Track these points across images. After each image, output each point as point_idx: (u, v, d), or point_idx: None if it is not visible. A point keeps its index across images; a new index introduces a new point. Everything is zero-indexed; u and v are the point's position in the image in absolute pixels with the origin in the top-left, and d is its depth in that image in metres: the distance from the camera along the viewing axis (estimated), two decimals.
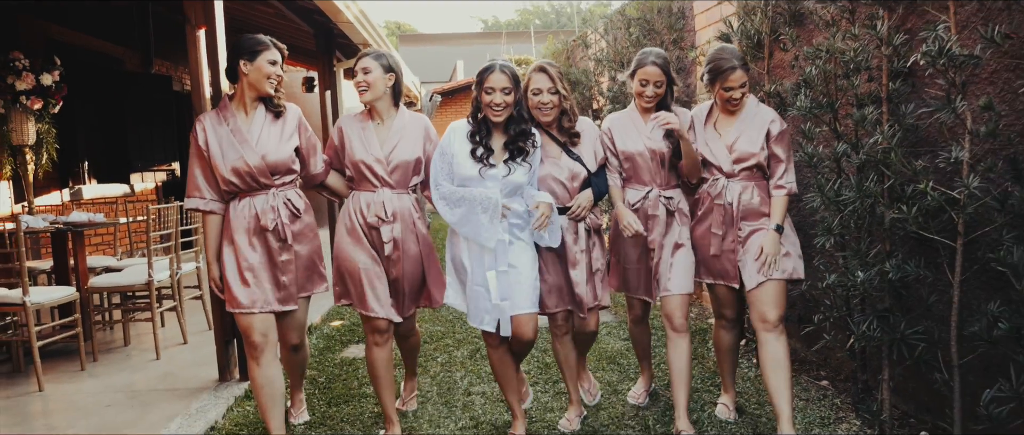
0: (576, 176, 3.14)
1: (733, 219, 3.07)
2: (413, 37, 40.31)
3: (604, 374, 3.96)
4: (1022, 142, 2.53)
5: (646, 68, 3.08)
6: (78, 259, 4.67)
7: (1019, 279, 2.26)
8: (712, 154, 3.11)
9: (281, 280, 2.97)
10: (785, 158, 3.04)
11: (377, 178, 3.04)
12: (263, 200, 2.95)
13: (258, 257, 2.94)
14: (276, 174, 2.97)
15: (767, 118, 3.06)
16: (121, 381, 4.12)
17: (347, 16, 5.85)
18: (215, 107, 3.12)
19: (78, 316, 4.40)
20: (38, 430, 3.38)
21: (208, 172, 2.96)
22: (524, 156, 3.01)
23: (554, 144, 3.16)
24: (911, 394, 3.18)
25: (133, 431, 3.31)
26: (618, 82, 6.28)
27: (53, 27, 7.28)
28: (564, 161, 3.14)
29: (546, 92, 3.05)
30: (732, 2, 4.24)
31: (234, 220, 2.95)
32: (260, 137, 2.95)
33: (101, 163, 8.26)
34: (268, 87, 2.95)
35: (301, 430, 3.35)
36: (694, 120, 3.19)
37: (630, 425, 3.30)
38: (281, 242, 2.97)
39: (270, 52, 2.95)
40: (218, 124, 2.96)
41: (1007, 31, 2.43)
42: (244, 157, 2.90)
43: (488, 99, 2.94)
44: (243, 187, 2.94)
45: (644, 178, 3.18)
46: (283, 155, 2.97)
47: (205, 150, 2.94)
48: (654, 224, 3.15)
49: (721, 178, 3.10)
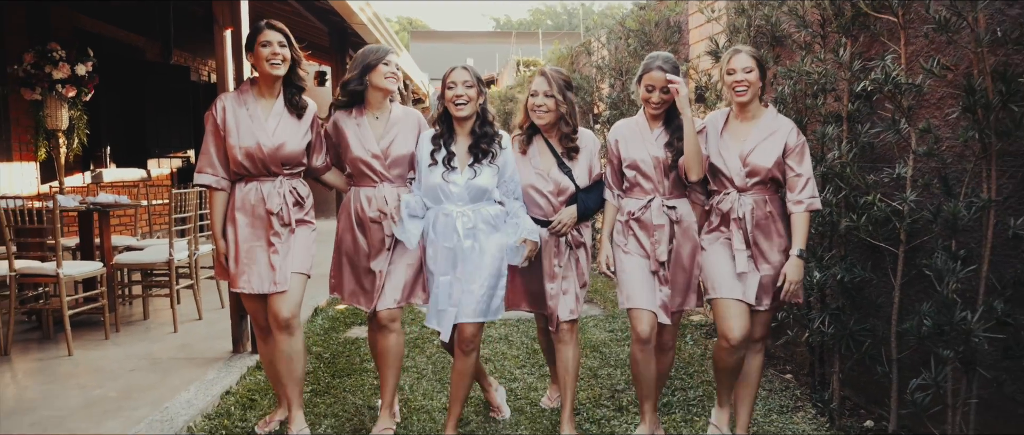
0: (562, 191, 3.15)
1: (749, 235, 2.91)
2: (425, 33, 40.60)
3: (586, 360, 4.28)
4: (956, 162, 2.85)
5: (652, 74, 2.96)
6: (104, 237, 5.01)
7: (941, 282, 2.58)
8: (724, 164, 2.96)
9: (275, 264, 3.01)
10: (804, 171, 2.87)
11: (376, 174, 3.09)
12: (270, 186, 3.02)
13: (257, 238, 3.02)
14: (287, 164, 3.04)
15: (785, 130, 2.91)
16: (142, 350, 4.46)
17: (361, 18, 6.19)
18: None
19: (103, 289, 4.75)
20: (70, 389, 3.72)
21: (221, 151, 3.02)
22: (490, 158, 3.04)
23: (549, 154, 3.18)
24: (860, 385, 3.50)
25: (155, 393, 3.65)
26: (617, 89, 6.61)
27: (82, 18, 7.64)
28: (553, 174, 3.15)
29: (542, 95, 3.09)
30: (720, 21, 4.56)
31: (238, 200, 3.02)
32: (278, 127, 3.02)
33: (121, 148, 8.63)
34: (269, 68, 2.97)
35: (307, 397, 3.68)
36: (708, 127, 3.05)
37: (606, 405, 3.62)
38: (283, 226, 3.03)
39: (262, 34, 2.98)
40: (238, 106, 3.02)
41: (948, 63, 2.75)
42: (260, 142, 2.97)
43: (450, 94, 3.01)
44: (253, 171, 3.01)
45: (647, 186, 3.04)
46: (296, 148, 3.05)
47: (221, 128, 3.00)
48: (661, 235, 3.00)
49: (732, 191, 2.95)
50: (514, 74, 16.54)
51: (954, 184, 2.74)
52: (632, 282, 3.01)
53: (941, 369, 2.61)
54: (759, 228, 2.92)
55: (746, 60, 2.88)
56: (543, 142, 3.20)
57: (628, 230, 3.06)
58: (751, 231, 2.90)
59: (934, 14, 2.61)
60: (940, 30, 2.59)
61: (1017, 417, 2.63)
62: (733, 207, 2.93)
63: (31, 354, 4.40)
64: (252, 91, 3.06)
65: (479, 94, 3.05)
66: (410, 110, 3.24)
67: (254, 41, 2.99)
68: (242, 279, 3.02)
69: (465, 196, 3.02)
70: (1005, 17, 2.59)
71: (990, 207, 2.57)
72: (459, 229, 2.98)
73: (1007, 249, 2.65)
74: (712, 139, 3.02)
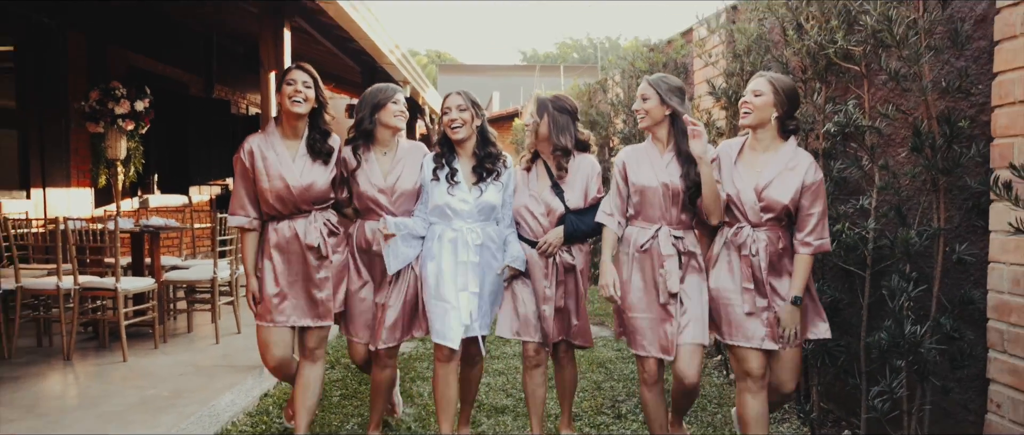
0: (552, 211, 3.22)
1: (761, 273, 2.83)
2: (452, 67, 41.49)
3: (593, 375, 4.62)
4: (914, 195, 3.20)
5: (641, 87, 3.06)
6: (154, 256, 5.51)
7: (893, 299, 2.92)
8: (738, 197, 2.86)
9: (316, 296, 3.11)
10: (816, 211, 2.78)
11: (382, 208, 3.16)
12: (304, 222, 3.11)
13: (294, 275, 3.11)
14: (317, 202, 3.14)
15: (804, 166, 2.81)
16: (188, 359, 4.91)
17: (391, 59, 6.72)
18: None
19: (154, 303, 5.23)
20: (127, 389, 4.17)
21: (251, 192, 3.11)
22: (495, 176, 3.17)
23: (545, 177, 3.27)
24: (838, 397, 3.81)
25: (202, 394, 4.08)
26: (629, 124, 7.01)
27: (135, 56, 8.30)
28: (545, 195, 3.23)
29: (455, 109, 3.17)
30: (717, 65, 4.96)
31: (273, 238, 3.11)
32: (305, 167, 3.10)
33: (165, 176, 9.24)
34: (290, 105, 3.04)
35: (336, 399, 4.08)
36: (721, 157, 2.96)
37: (606, 412, 3.97)
38: (320, 259, 3.11)
39: (290, 75, 3.09)
40: (265, 148, 3.09)
41: (904, 108, 3.12)
42: (289, 184, 3.05)
43: (446, 118, 3.15)
44: (284, 212, 3.10)
45: (654, 215, 2.98)
46: (323, 185, 3.14)
47: (251, 170, 3.08)
48: (671, 265, 2.95)
49: (745, 226, 2.86)
50: None
51: (908, 214, 3.09)
52: (636, 322, 2.97)
53: (895, 377, 2.94)
54: (771, 266, 2.84)
55: (757, 83, 2.84)
56: (542, 166, 3.30)
57: (634, 264, 3.00)
58: (763, 268, 2.82)
59: (888, 66, 2.99)
60: (893, 80, 2.97)
61: (966, 422, 2.93)
62: (746, 242, 2.84)
63: (90, 360, 4.87)
64: (277, 132, 3.14)
65: (474, 117, 3.17)
66: (417, 144, 3.34)
67: (282, 80, 3.11)
68: (278, 314, 3.10)
69: (474, 214, 3.13)
70: (952, 69, 2.96)
71: (940, 234, 2.91)
72: (470, 244, 3.09)
73: (957, 272, 2.98)
74: (725, 168, 2.94)
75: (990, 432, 2.72)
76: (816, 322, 2.98)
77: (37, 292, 4.94)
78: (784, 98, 2.80)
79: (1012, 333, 2.60)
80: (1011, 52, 2.59)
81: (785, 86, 2.83)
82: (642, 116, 3.03)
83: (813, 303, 2.98)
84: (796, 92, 2.89)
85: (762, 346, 2.83)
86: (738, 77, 4.52)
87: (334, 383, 4.46)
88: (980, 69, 2.84)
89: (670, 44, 6.37)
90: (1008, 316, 2.62)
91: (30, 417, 3.68)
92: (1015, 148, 2.57)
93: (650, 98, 3.00)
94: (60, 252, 4.75)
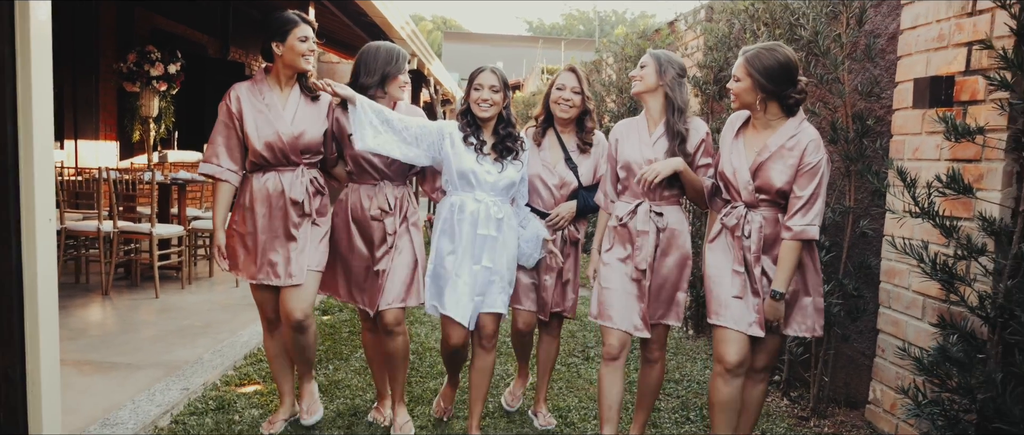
0: (565, 184, 3.22)
1: (752, 256, 2.67)
2: (458, 35, 41.63)
3: (568, 324, 5.26)
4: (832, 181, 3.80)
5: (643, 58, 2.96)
6: (181, 206, 6.14)
7: None
8: (733, 175, 2.71)
9: (292, 256, 2.96)
10: (805, 193, 2.57)
11: (377, 171, 3.05)
12: (290, 176, 2.97)
13: (275, 230, 2.96)
14: (306, 153, 3.00)
15: (804, 143, 2.60)
16: (212, 298, 5.57)
17: (401, 34, 7.27)
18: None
19: (183, 248, 5.86)
20: (164, 320, 4.83)
21: (232, 142, 2.96)
22: (514, 155, 3.08)
23: (559, 149, 3.25)
24: None
25: (230, 325, 4.73)
26: (619, 104, 7.59)
27: (158, 18, 8.82)
28: (560, 168, 3.23)
29: (570, 90, 3.17)
30: (693, 58, 5.53)
31: (257, 191, 2.96)
32: (296, 115, 2.97)
33: (182, 132, 9.82)
34: (303, 63, 2.94)
35: (358, 367, 4.71)
36: (726, 129, 2.85)
37: (576, 355, 4.62)
38: (302, 216, 2.98)
39: (300, 29, 2.91)
40: (253, 96, 2.95)
41: (832, 107, 3.72)
42: (279, 132, 2.91)
43: (476, 95, 3.03)
44: (272, 162, 2.95)
45: (637, 190, 2.89)
46: (316, 136, 3.00)
47: (237, 119, 2.94)
48: (643, 241, 2.86)
49: (739, 205, 2.71)
50: (539, 80, 17.56)
51: (827, 194, 3.71)
52: (607, 294, 2.89)
53: None
54: (766, 249, 2.69)
55: (736, 67, 2.68)
56: (555, 136, 3.27)
57: (614, 235, 2.97)
58: (756, 252, 2.66)
59: (816, 72, 3.59)
60: (819, 84, 3.57)
61: (863, 366, 3.59)
62: (739, 223, 2.69)
63: (125, 296, 5.52)
64: (267, 80, 3.00)
65: (504, 98, 3.07)
66: (413, 107, 3.22)
67: (287, 32, 2.89)
68: (258, 271, 2.98)
69: (497, 188, 3.03)
70: (870, 75, 3.55)
71: (850, 212, 3.54)
72: (493, 217, 2.99)
73: (862, 243, 3.61)
74: (725, 143, 2.79)
75: (877, 372, 3.38)
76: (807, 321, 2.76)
77: (78, 233, 5.57)
78: (764, 79, 2.58)
79: (895, 292, 3.25)
80: (906, 66, 3.19)
81: (764, 66, 2.59)
82: (637, 81, 2.93)
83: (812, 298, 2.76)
84: (783, 67, 2.59)
85: (748, 331, 2.65)
86: (708, 70, 5.10)
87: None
88: (890, 77, 3.43)
89: (658, 32, 6.93)
90: (893, 279, 3.26)
91: (82, 338, 4.34)
92: (905, 144, 3.18)
93: (648, 66, 2.91)
94: (99, 198, 5.37)
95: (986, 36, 2.65)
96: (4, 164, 2.09)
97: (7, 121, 2.10)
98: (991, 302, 2.47)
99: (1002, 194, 2.61)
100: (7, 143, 2.09)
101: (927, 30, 3.05)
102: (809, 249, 2.71)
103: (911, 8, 3.18)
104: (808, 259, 2.73)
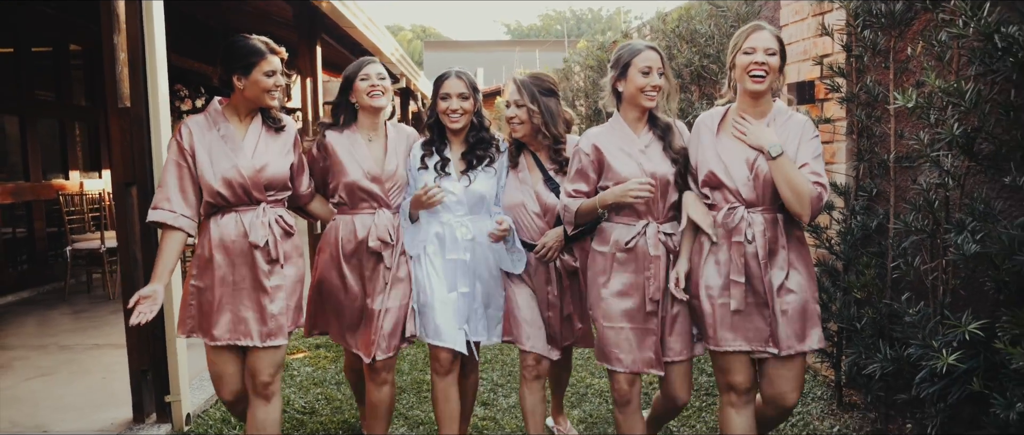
0: (548, 209, 2.86)
1: (758, 263, 2.40)
2: (438, 43, 42.42)
3: (594, 380, 4.24)
4: None
5: (645, 54, 2.53)
6: None
7: None
8: (726, 172, 2.43)
9: (267, 310, 2.58)
10: (810, 159, 2.39)
11: (376, 199, 2.83)
12: (251, 216, 2.61)
13: (240, 280, 2.59)
14: (270, 189, 2.66)
15: (799, 124, 2.45)
16: None
17: (390, 58, 8.27)
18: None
19: None
20: None
21: (185, 182, 2.58)
22: (487, 163, 2.87)
23: (536, 170, 2.91)
24: None
25: None
26: (586, 108, 8.60)
27: (172, 55, 9.78)
28: (540, 190, 2.87)
29: (514, 105, 2.84)
30: None
31: (215, 237, 2.58)
32: (257, 148, 2.65)
33: None
34: (268, 100, 2.63)
35: None
36: (700, 130, 2.53)
37: None
38: (271, 263, 2.61)
39: (267, 62, 2.57)
40: (207, 129, 2.62)
41: None
42: (238, 166, 2.58)
43: (445, 105, 2.83)
44: (232, 200, 2.59)
45: (639, 209, 2.57)
46: (281, 170, 2.68)
47: (189, 155, 2.58)
48: (657, 267, 2.55)
49: (738, 206, 2.43)
50: None
51: None
52: (610, 334, 2.58)
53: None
54: (773, 255, 2.42)
55: (769, 40, 2.39)
56: (531, 157, 2.93)
57: (613, 264, 2.59)
58: (763, 257, 2.40)
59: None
60: None
61: None
62: (739, 226, 2.41)
63: None
64: (223, 111, 2.68)
65: (474, 104, 2.87)
66: (401, 127, 3.04)
67: (252, 65, 2.57)
68: (218, 328, 2.58)
69: (463, 205, 2.85)
70: None
71: None
72: (459, 239, 2.82)
73: None
74: (706, 143, 2.50)
75: None
76: (811, 331, 2.49)
77: None
78: (785, 55, 2.46)
79: None
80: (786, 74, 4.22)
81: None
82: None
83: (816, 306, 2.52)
84: None
85: (753, 350, 2.44)
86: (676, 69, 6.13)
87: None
88: None
89: (615, 44, 7.95)
90: None
91: None
92: None
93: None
94: None
95: (829, 51, 3.69)
96: (141, 120, 3.42)
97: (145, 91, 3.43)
98: (842, 238, 3.49)
99: (846, 166, 3.64)
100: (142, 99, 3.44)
101: (797, 46, 4.08)
102: (805, 248, 2.54)
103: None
104: (808, 259, 2.54)
